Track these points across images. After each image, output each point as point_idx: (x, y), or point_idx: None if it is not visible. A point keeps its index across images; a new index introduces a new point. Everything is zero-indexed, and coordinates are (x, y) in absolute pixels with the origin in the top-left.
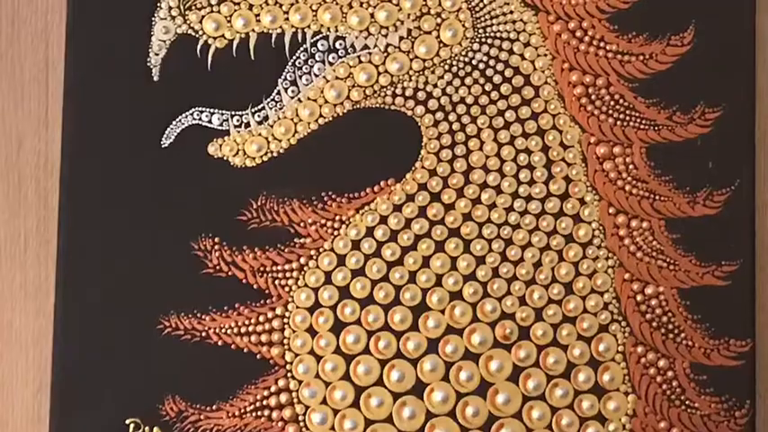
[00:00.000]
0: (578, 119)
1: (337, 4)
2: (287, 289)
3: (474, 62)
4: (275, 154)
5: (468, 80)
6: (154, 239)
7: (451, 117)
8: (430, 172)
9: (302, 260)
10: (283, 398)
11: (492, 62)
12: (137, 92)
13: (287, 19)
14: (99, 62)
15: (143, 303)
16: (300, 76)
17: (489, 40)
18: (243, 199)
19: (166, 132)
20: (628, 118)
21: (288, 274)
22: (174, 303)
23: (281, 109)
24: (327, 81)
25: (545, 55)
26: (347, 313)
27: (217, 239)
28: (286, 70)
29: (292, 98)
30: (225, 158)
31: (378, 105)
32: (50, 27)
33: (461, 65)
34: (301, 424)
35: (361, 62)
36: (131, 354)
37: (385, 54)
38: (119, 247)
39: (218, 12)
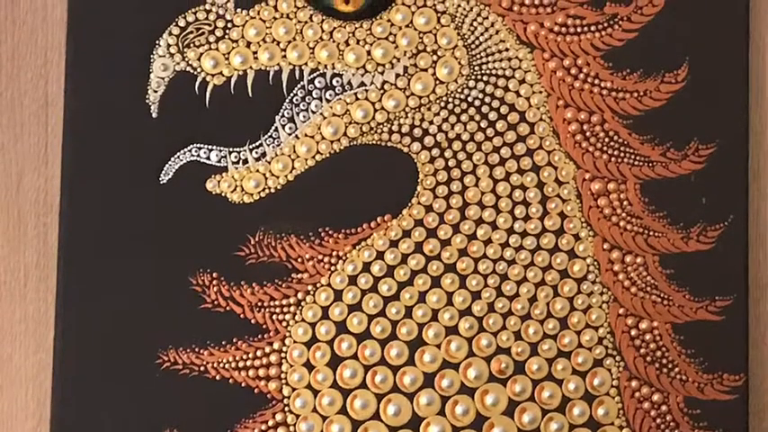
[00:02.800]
0: (573, 155)
1: (334, 41)
2: (284, 324)
3: (470, 99)
4: (273, 190)
5: (463, 117)
6: (152, 275)
7: (447, 153)
8: (426, 208)
9: (299, 295)
10: None
11: (488, 99)
12: (135, 128)
13: (284, 56)
14: (98, 99)
15: (142, 338)
16: (298, 113)
17: (485, 78)
18: (241, 235)
19: (165, 168)
20: (622, 154)
21: (285, 309)
22: (172, 338)
23: (278, 145)
24: (324, 118)
25: (540, 92)
26: (344, 348)
27: (215, 275)
28: (283, 107)
29: (290, 135)
30: (223, 194)
31: (374, 142)
32: (50, 64)
33: (457, 102)
34: None
35: (357, 99)
36: (130, 388)
37: (381, 91)
38: (117, 283)
39: (217, 49)
